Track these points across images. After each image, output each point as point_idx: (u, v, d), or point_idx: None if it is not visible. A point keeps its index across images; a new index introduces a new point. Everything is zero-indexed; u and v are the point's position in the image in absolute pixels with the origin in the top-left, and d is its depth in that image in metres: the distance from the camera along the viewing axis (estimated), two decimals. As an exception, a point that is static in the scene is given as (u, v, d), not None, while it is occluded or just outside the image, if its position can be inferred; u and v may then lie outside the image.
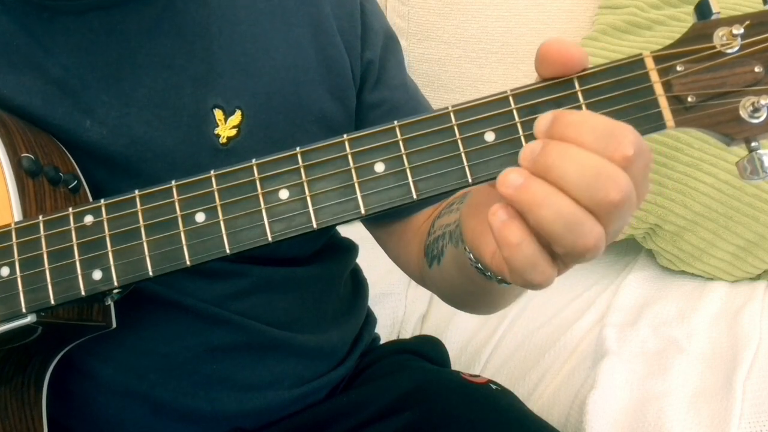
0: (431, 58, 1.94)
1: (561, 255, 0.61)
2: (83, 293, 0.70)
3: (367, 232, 1.17)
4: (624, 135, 0.58)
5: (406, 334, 1.62)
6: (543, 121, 0.62)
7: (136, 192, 0.70)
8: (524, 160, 0.61)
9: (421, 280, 1.09)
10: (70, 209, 0.72)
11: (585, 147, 0.58)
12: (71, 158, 0.87)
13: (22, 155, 0.80)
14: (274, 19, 0.98)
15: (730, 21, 0.63)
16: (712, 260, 1.63)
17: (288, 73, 0.97)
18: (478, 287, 0.82)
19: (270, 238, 0.67)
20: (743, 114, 0.62)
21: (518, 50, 1.88)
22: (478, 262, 0.73)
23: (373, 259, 1.28)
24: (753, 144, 0.62)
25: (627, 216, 0.60)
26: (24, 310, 0.72)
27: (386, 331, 1.61)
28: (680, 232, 1.63)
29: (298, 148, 0.67)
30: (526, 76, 1.88)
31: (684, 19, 1.70)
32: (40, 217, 0.73)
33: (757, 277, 1.66)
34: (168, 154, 0.90)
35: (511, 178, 0.60)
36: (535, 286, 0.62)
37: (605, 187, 0.57)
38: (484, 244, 0.69)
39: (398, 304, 1.67)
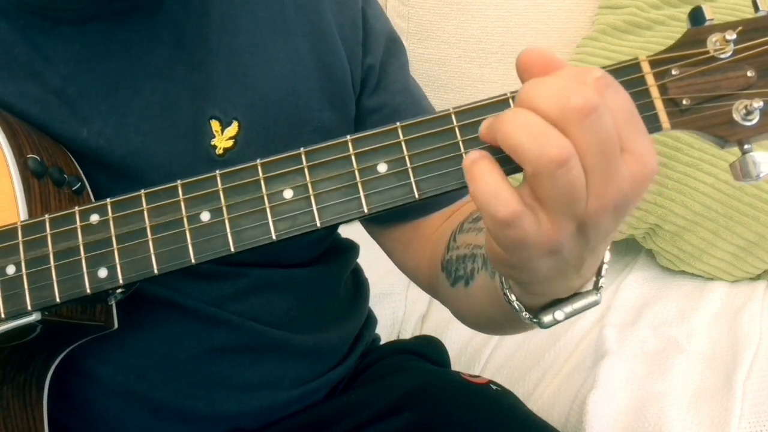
0: (431, 58, 1.94)
1: (532, 179, 0.59)
2: (89, 291, 0.71)
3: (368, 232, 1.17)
4: (594, 69, 0.59)
5: (406, 334, 1.62)
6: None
7: (142, 191, 0.71)
8: None
9: (433, 292, 1.08)
10: (76, 208, 0.72)
11: (560, 77, 0.59)
12: (74, 160, 0.87)
13: (28, 156, 0.80)
14: (274, 29, 0.98)
15: (724, 27, 0.64)
16: (712, 260, 1.63)
17: (287, 83, 0.97)
18: (507, 319, 0.80)
19: (274, 237, 0.67)
20: (736, 117, 0.63)
21: (518, 50, 1.81)
22: (509, 293, 0.73)
23: (373, 259, 1.28)
24: (746, 146, 0.64)
25: (604, 147, 0.57)
26: (29, 308, 0.72)
27: (386, 331, 1.61)
28: (680, 232, 1.63)
29: (302, 149, 0.68)
30: (527, 76, 1.89)
31: (684, 19, 1.69)
32: (46, 216, 0.73)
33: (757, 277, 1.66)
34: (164, 165, 0.90)
35: (487, 120, 0.62)
36: (501, 222, 0.60)
37: (568, 94, 0.56)
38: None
39: (398, 304, 1.67)
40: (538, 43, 1.86)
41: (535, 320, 0.72)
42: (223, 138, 0.93)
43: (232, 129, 0.93)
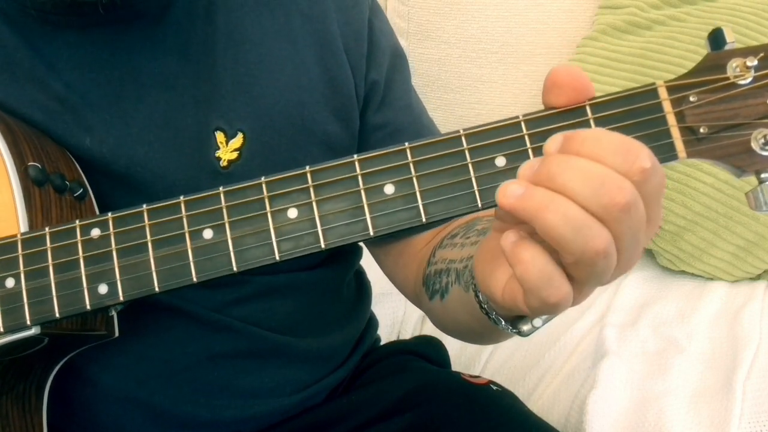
0: (431, 58, 1.93)
1: (572, 266, 0.60)
2: (88, 307, 0.70)
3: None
4: (640, 149, 0.58)
5: (406, 334, 1.62)
6: (554, 141, 0.61)
7: (144, 206, 0.70)
8: (523, 176, 0.61)
9: (417, 303, 1.08)
10: (77, 221, 0.72)
11: (602, 161, 0.58)
12: (77, 165, 0.87)
13: (29, 164, 0.79)
14: (279, 39, 0.97)
15: (745, 52, 0.63)
16: (712, 260, 1.63)
17: (292, 94, 0.96)
18: (486, 329, 0.81)
19: (278, 257, 0.67)
20: (755, 146, 0.62)
21: (518, 50, 1.88)
22: (490, 308, 0.73)
23: (373, 260, 1.28)
24: (763, 175, 0.62)
25: (636, 231, 0.59)
26: (29, 322, 0.71)
27: (386, 331, 1.61)
28: (680, 232, 1.63)
29: (308, 167, 0.67)
30: (526, 76, 1.89)
31: (684, 19, 1.70)
32: (47, 229, 0.72)
33: (757, 277, 1.66)
34: (167, 176, 0.90)
35: (511, 189, 0.60)
36: (552, 305, 0.62)
37: (610, 192, 0.57)
38: (495, 280, 0.68)
39: (398, 304, 1.67)
40: (538, 43, 1.85)
41: (514, 330, 0.73)
42: (227, 150, 0.92)
43: (237, 141, 0.92)
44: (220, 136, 0.92)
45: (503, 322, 0.73)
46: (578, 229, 0.57)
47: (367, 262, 1.24)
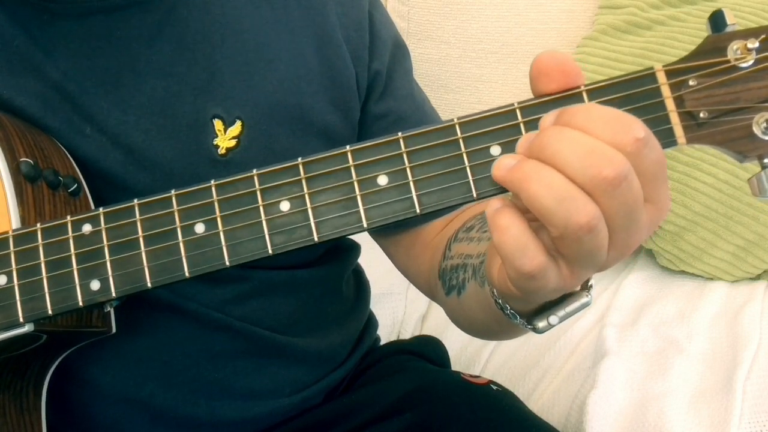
0: (431, 58, 1.93)
1: (558, 240, 0.59)
2: (81, 304, 0.70)
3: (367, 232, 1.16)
4: (633, 120, 0.58)
5: (406, 334, 1.61)
6: (548, 117, 0.61)
7: (135, 201, 0.69)
8: (520, 148, 0.60)
9: (432, 296, 1.08)
10: (68, 217, 0.71)
11: (593, 133, 0.57)
12: (72, 160, 0.86)
13: (21, 160, 0.79)
14: (278, 28, 0.97)
15: (746, 34, 0.61)
16: (712, 260, 1.63)
17: (291, 84, 0.96)
18: (502, 325, 0.79)
19: (270, 251, 0.66)
20: (756, 130, 0.61)
21: (518, 50, 1.88)
22: (505, 302, 0.72)
23: (372, 259, 1.28)
24: (766, 160, 0.61)
25: (631, 210, 0.58)
26: (21, 320, 0.71)
27: (386, 331, 1.61)
28: (680, 232, 1.63)
29: (300, 159, 0.66)
30: (526, 75, 1.86)
31: (684, 19, 1.70)
32: (38, 225, 0.72)
33: (757, 277, 1.66)
34: (165, 163, 0.90)
35: (504, 161, 0.60)
36: (525, 275, 0.61)
37: (598, 163, 0.56)
38: (494, 264, 0.68)
39: (398, 304, 1.67)
40: (538, 43, 1.86)
41: (530, 326, 0.72)
42: (225, 137, 0.92)
43: (235, 128, 0.92)
44: (218, 124, 0.91)
45: (518, 318, 0.72)
46: (561, 200, 0.57)
47: (366, 261, 1.24)
